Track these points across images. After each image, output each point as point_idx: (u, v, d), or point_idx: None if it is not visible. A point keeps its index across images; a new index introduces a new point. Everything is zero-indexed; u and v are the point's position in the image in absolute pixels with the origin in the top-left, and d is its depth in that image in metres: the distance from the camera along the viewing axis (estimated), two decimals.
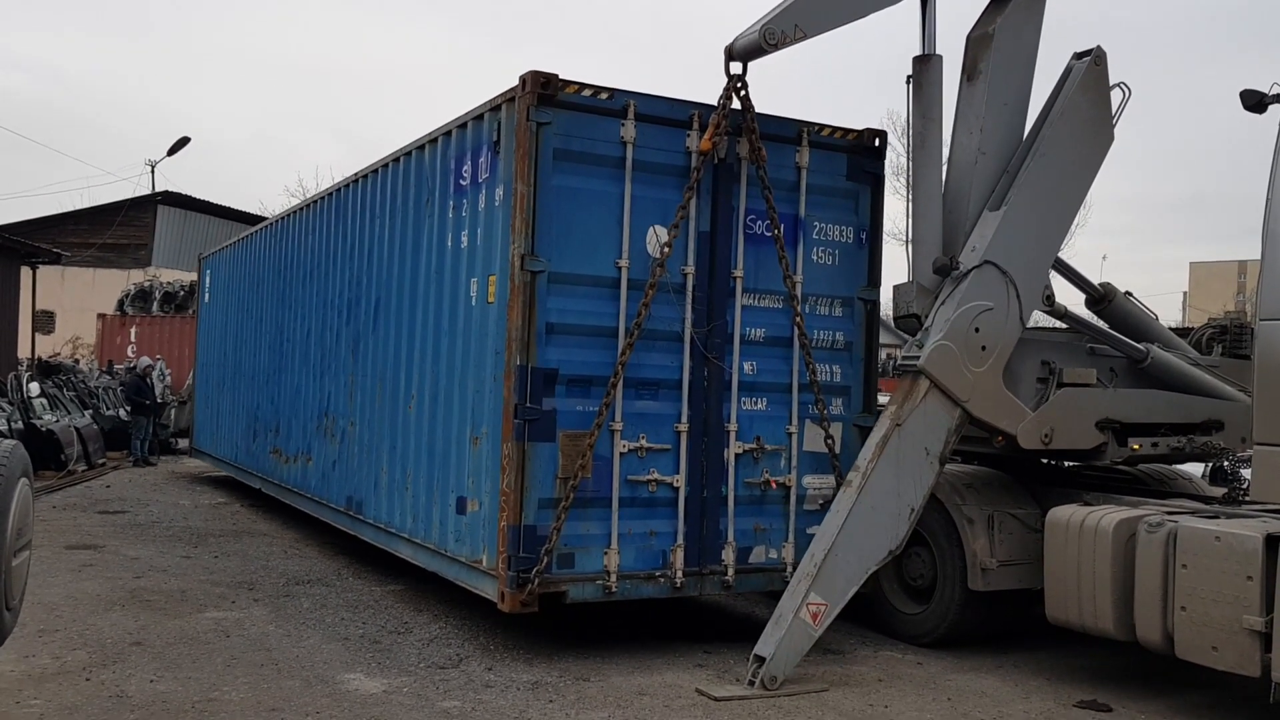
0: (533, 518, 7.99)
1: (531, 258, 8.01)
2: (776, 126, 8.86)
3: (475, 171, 8.89)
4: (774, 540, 8.88)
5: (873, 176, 9.38)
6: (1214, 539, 7.14)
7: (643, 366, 8.36)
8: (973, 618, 8.94)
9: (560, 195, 8.11)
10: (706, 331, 8.56)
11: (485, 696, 7.34)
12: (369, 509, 10.88)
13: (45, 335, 37.59)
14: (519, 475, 7.96)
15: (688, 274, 8.52)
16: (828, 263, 9.16)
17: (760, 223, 8.76)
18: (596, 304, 8.25)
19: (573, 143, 8.16)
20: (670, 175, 8.46)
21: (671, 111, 8.50)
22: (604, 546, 8.26)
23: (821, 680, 7.94)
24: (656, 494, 8.44)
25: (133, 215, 42.65)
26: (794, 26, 8.12)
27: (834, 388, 9.15)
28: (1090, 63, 8.91)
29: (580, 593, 8.16)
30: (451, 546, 8.98)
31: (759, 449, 8.82)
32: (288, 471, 13.81)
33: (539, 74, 8.02)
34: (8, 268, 28.59)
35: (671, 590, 8.48)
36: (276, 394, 14.67)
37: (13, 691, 7.15)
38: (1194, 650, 7.22)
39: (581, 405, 8.17)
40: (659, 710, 7.18)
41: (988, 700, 7.70)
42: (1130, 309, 9.99)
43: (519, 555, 7.93)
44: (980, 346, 8.36)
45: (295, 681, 7.53)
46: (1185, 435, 9.23)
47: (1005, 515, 8.90)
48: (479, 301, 8.73)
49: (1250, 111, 7.51)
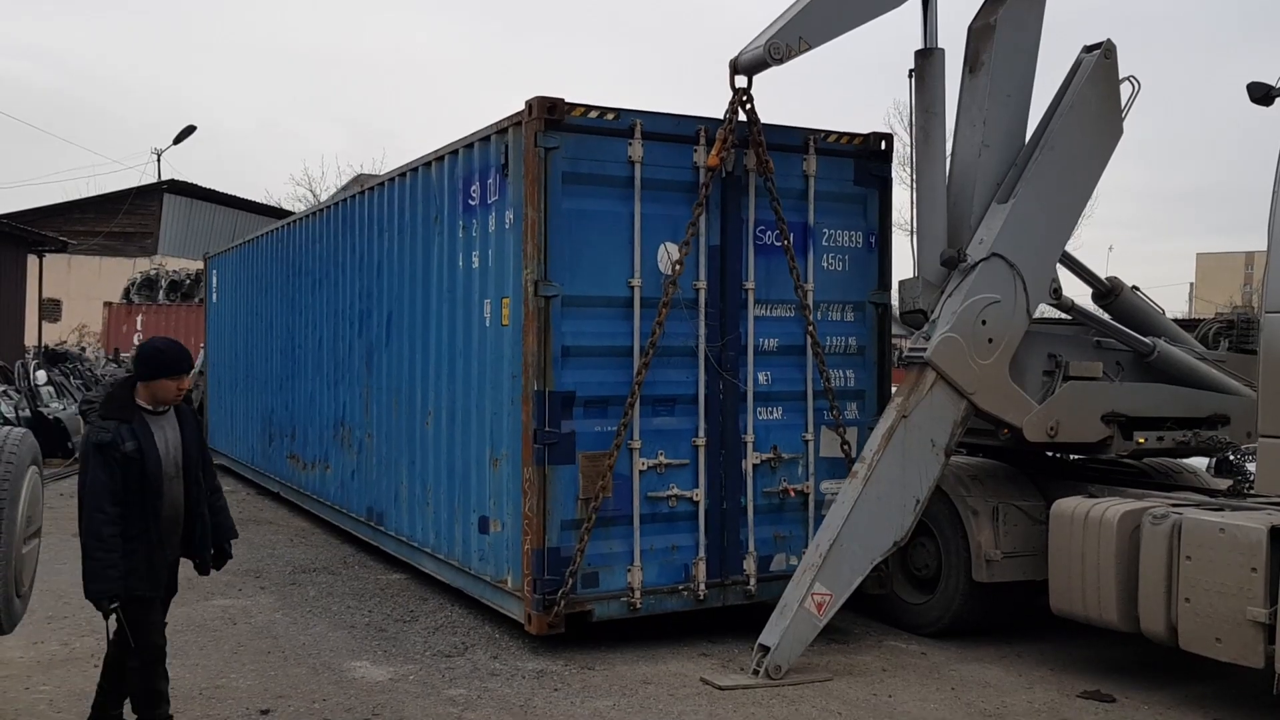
0: (556, 539, 8.04)
1: (545, 283, 8.02)
2: (783, 136, 8.86)
3: (484, 193, 8.88)
4: (794, 547, 8.91)
5: (880, 180, 9.39)
6: (1218, 531, 7.15)
7: (659, 383, 8.40)
8: (977, 608, 8.96)
9: (570, 218, 8.12)
10: (721, 345, 8.59)
11: (491, 685, 7.38)
12: (390, 521, 10.90)
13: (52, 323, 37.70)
14: (540, 499, 8.00)
15: (700, 289, 8.54)
16: (838, 268, 9.19)
17: (770, 233, 8.78)
18: (611, 324, 8.29)
19: (581, 165, 8.17)
20: (679, 191, 8.47)
21: (678, 128, 8.50)
22: (627, 564, 8.31)
23: (826, 670, 7.97)
24: (677, 509, 8.49)
25: (139, 204, 42.74)
26: (798, 39, 8.09)
27: (848, 392, 9.20)
28: (1100, 56, 8.88)
29: (605, 610, 8.21)
30: (475, 565, 9.01)
31: (776, 458, 8.87)
32: (306, 478, 13.82)
33: (545, 99, 8.01)
34: (15, 256, 28.65)
35: (695, 603, 8.54)
36: (290, 400, 14.66)
37: (22, 677, 7.20)
38: (1197, 642, 7.24)
39: (600, 425, 8.21)
40: (664, 699, 7.22)
41: (991, 690, 7.73)
42: (1137, 303, 9.98)
43: (544, 578, 7.98)
44: (987, 339, 8.36)
45: (302, 669, 7.57)
46: (1191, 429, 9.22)
47: (1010, 507, 8.92)
48: (493, 323, 8.74)
49: (1257, 104, 7.51)
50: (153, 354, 5.73)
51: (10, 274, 28.13)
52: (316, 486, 13.35)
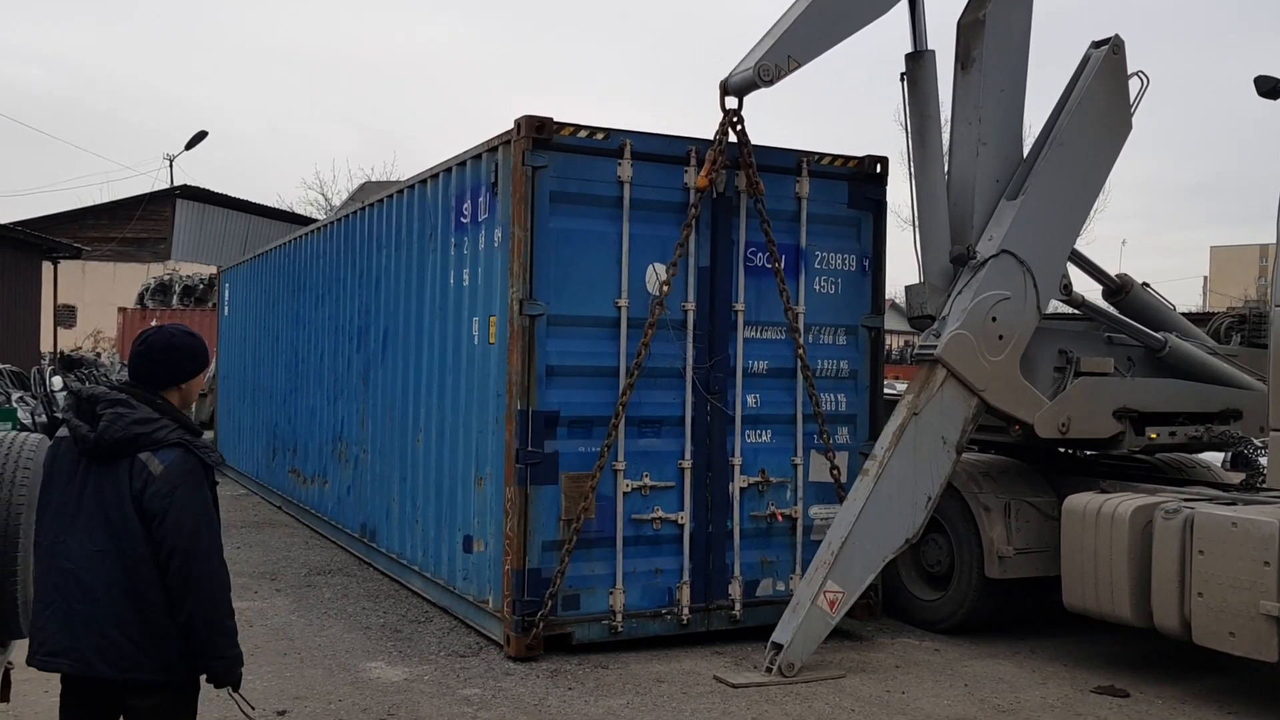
0: (537, 561, 7.97)
1: (530, 301, 7.96)
2: (776, 158, 8.76)
3: (475, 210, 8.84)
4: (781, 572, 8.82)
5: (875, 203, 9.25)
6: (1231, 525, 7.15)
7: (645, 405, 8.30)
8: (990, 605, 8.96)
9: (558, 237, 8.05)
10: (709, 367, 8.49)
11: (505, 684, 7.41)
12: (382, 538, 10.85)
13: (67, 329, 37.88)
14: (521, 519, 7.93)
15: (688, 310, 8.44)
16: (831, 292, 9.06)
17: (761, 255, 8.66)
18: (597, 344, 8.20)
19: (569, 184, 8.10)
20: (668, 212, 8.38)
21: (668, 149, 8.42)
22: (609, 586, 8.22)
23: (838, 667, 7.99)
24: (661, 531, 8.39)
25: (152, 209, 42.89)
26: (787, 58, 8.01)
27: (839, 417, 9.06)
28: (1108, 51, 8.87)
29: (586, 634, 8.13)
30: (460, 584, 8.96)
31: (764, 482, 8.76)
32: (306, 493, 13.82)
33: (534, 118, 7.96)
34: (29, 263, 28.81)
35: (679, 627, 8.43)
36: (294, 414, 14.66)
37: (41, 681, 7.24)
38: (1211, 636, 7.24)
39: (584, 446, 8.12)
40: (677, 697, 7.24)
41: (1004, 686, 7.73)
42: (1148, 300, 9.97)
43: (523, 599, 7.90)
44: (997, 335, 8.36)
45: (318, 670, 7.62)
46: (1203, 424, 9.23)
47: (1022, 503, 8.92)
48: (480, 341, 8.67)
49: (1265, 98, 7.51)
50: (194, 346, 4.21)
51: (25, 280, 28.29)
52: (315, 501, 13.33)
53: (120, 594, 3.85)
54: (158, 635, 3.89)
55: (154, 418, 3.93)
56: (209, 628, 3.91)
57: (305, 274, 14.29)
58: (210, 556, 3.94)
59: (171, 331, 4.19)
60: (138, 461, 3.87)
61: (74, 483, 3.95)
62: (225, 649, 3.98)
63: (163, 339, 4.14)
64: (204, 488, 3.97)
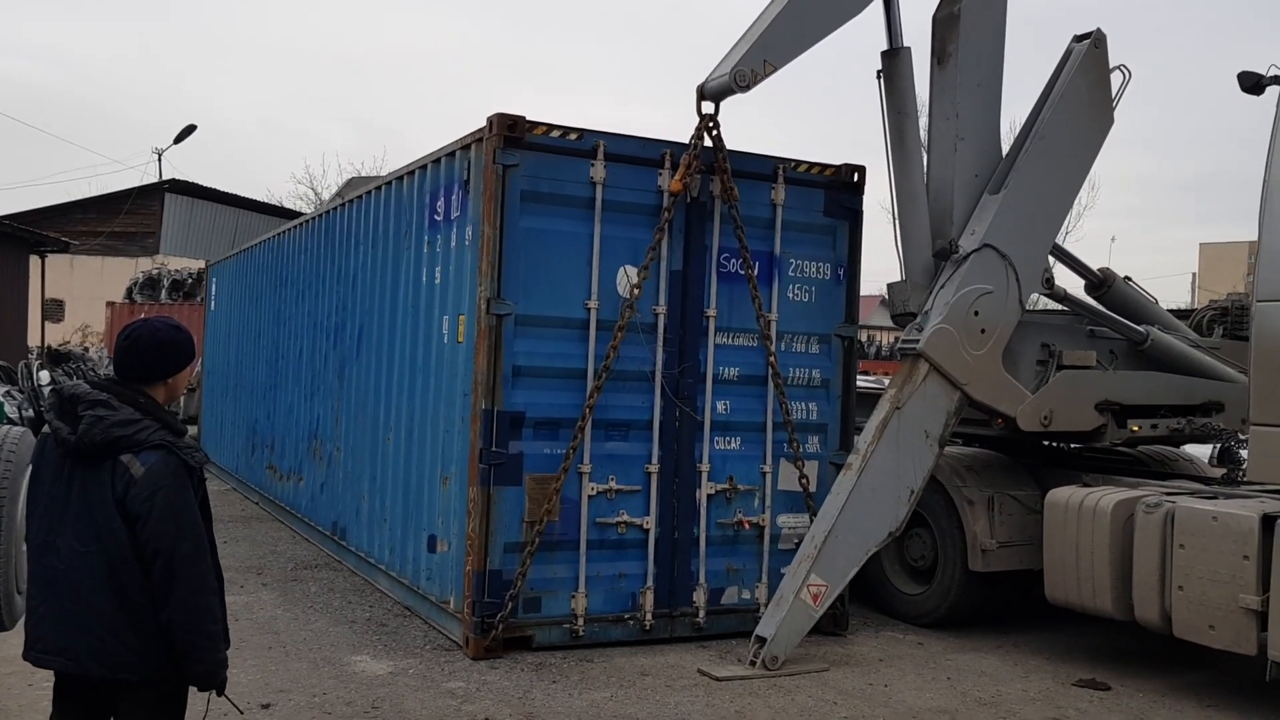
0: (498, 562, 7.91)
1: (498, 301, 7.90)
2: (752, 164, 8.70)
3: (449, 208, 8.78)
4: (748, 580, 8.76)
5: (851, 212, 9.16)
6: (1211, 519, 7.20)
7: (613, 408, 8.23)
8: (973, 598, 9.02)
9: (528, 237, 7.99)
10: (679, 372, 8.44)
11: (490, 677, 7.44)
12: (352, 537, 10.79)
13: (55, 324, 37.73)
14: (483, 520, 7.87)
15: (659, 313, 8.38)
16: (804, 299, 8.99)
17: (734, 260, 8.59)
18: (565, 345, 8.14)
19: (541, 184, 8.04)
20: (641, 215, 8.31)
21: (642, 151, 8.37)
22: (571, 590, 8.15)
23: (822, 660, 8.03)
24: (626, 536, 8.33)
25: (140, 203, 42.74)
26: (762, 63, 7.96)
27: (810, 425, 8.98)
28: (1090, 45, 8.91)
29: (547, 637, 8.07)
30: (424, 585, 8.90)
31: (732, 489, 8.69)
32: (282, 489, 13.74)
33: (506, 116, 7.90)
34: (17, 257, 28.72)
35: (640, 633, 8.36)
36: (273, 410, 14.56)
37: (25, 673, 7.26)
38: (1191, 629, 7.29)
39: (549, 448, 8.06)
40: (661, 690, 7.27)
41: (987, 679, 7.78)
42: (1130, 293, 10.01)
43: (483, 600, 7.85)
44: (980, 329, 8.40)
45: (303, 663, 7.63)
46: (1185, 417, 9.27)
47: (1005, 497, 8.97)
48: (450, 340, 8.61)
49: (1247, 93, 7.55)
50: (179, 340, 4.13)
51: (12, 275, 28.20)
52: (290, 498, 13.26)
53: (108, 594, 3.82)
54: (146, 636, 3.85)
55: (135, 419, 3.87)
56: (189, 631, 3.84)
57: (287, 269, 14.22)
58: (193, 559, 3.85)
59: (157, 325, 4.11)
60: (119, 464, 3.81)
61: (62, 480, 3.92)
62: (206, 653, 3.89)
63: (148, 333, 4.06)
64: (187, 490, 3.89)
